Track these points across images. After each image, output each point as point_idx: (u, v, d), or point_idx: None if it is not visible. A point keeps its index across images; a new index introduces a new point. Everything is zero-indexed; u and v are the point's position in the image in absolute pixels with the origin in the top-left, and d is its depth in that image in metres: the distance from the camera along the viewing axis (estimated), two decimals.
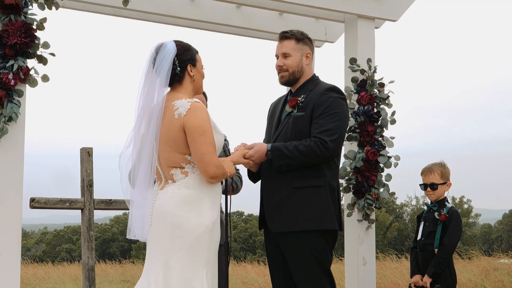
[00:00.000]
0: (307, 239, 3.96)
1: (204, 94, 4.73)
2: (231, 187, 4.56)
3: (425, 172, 5.04)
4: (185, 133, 3.50)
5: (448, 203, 4.99)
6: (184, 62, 3.63)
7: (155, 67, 3.58)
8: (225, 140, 4.25)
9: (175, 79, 3.63)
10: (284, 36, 4.20)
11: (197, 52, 3.73)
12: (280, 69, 4.18)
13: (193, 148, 3.49)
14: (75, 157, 5.20)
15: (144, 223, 3.57)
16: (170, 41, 3.65)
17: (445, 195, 5.02)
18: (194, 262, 3.46)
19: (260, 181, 4.24)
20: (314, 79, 4.22)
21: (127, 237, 3.68)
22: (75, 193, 5.07)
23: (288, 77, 4.17)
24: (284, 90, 4.35)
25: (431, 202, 5.03)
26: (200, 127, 3.48)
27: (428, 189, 4.99)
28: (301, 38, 4.19)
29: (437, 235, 4.86)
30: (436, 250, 4.85)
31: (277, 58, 4.21)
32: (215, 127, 3.64)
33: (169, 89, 3.65)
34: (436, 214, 4.92)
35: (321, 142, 3.94)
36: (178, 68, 3.61)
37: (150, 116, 3.55)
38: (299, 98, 4.11)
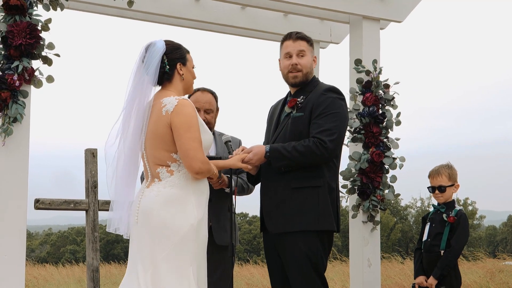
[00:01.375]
0: (304, 239, 3.95)
1: (214, 94, 4.70)
2: (240, 187, 4.55)
3: (433, 174, 5.01)
4: (172, 130, 3.50)
5: (457, 205, 4.97)
6: (173, 60, 3.63)
7: (144, 65, 3.59)
8: (229, 142, 4.24)
9: (165, 77, 3.63)
10: (299, 36, 4.16)
11: (188, 51, 3.74)
12: (294, 68, 4.11)
13: (179, 144, 3.48)
14: (79, 158, 5.20)
15: (125, 219, 3.57)
16: (160, 40, 3.66)
17: (453, 197, 5.00)
18: (181, 261, 3.46)
19: (260, 182, 4.23)
20: (314, 80, 4.20)
21: (107, 230, 3.67)
22: (79, 194, 5.08)
23: (301, 78, 4.13)
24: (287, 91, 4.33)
25: (438, 203, 5.01)
26: (186, 123, 3.48)
27: (436, 191, 4.96)
28: (312, 43, 4.22)
29: (444, 236, 4.84)
30: (442, 251, 4.82)
31: (288, 58, 4.14)
32: (203, 125, 3.63)
33: (159, 87, 3.66)
34: (444, 215, 4.90)
35: (320, 142, 3.92)
36: (167, 67, 3.61)
37: (137, 114, 3.55)
38: (298, 99, 4.09)
